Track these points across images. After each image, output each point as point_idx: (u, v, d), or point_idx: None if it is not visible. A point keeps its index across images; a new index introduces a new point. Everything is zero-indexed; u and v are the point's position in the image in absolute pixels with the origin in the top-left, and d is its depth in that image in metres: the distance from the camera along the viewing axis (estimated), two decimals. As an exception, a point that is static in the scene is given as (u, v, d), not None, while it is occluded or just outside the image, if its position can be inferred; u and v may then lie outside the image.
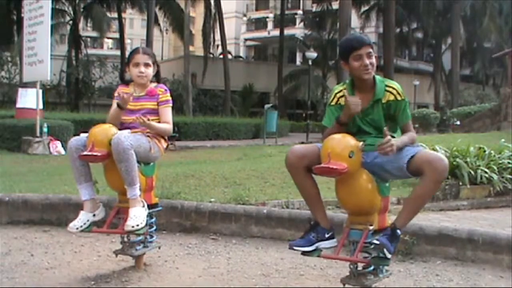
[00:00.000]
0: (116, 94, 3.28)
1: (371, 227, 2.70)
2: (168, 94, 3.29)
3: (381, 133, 2.69)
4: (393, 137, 2.67)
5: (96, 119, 13.04)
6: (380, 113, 2.79)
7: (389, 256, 2.59)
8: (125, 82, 3.37)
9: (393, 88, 2.78)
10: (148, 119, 3.09)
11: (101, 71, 30.57)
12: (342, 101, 2.83)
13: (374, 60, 2.77)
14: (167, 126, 3.24)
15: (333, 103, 2.88)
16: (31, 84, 12.35)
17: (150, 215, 3.17)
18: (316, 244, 2.74)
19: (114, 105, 3.24)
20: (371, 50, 2.76)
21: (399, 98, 2.77)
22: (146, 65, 3.23)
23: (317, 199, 2.83)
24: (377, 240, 2.60)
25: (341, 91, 2.87)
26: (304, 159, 2.71)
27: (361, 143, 2.62)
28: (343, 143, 2.59)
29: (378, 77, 2.82)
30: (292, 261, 3.49)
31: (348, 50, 2.77)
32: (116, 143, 2.89)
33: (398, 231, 2.65)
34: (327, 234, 2.78)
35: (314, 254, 2.76)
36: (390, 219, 2.96)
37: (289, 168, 2.78)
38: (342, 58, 2.83)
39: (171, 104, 3.30)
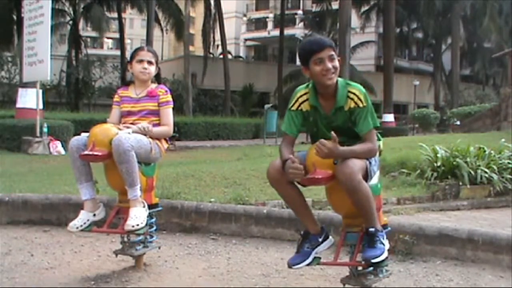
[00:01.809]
0: (115, 99, 3.29)
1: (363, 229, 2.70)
2: (169, 95, 3.30)
3: (353, 139, 2.65)
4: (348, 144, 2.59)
5: (96, 119, 13.03)
6: (344, 120, 2.68)
7: (381, 259, 2.57)
8: (126, 83, 3.37)
9: (355, 94, 2.63)
10: (150, 129, 3.12)
11: (101, 71, 30.52)
12: (304, 106, 2.72)
13: (337, 63, 2.63)
14: (166, 129, 3.25)
15: (293, 108, 2.75)
16: (31, 84, 12.33)
17: (150, 215, 3.17)
18: (313, 253, 2.73)
19: (114, 111, 3.26)
20: (333, 52, 2.61)
21: (360, 105, 2.62)
22: (149, 62, 3.26)
23: (303, 207, 2.79)
24: (361, 259, 2.61)
25: (304, 94, 2.74)
26: (285, 172, 2.63)
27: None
28: None
29: (341, 81, 2.67)
30: (292, 261, 3.49)
31: (308, 53, 2.61)
32: (117, 145, 2.90)
33: (370, 229, 2.60)
34: (320, 238, 2.76)
35: (314, 262, 2.75)
36: (387, 218, 2.96)
37: (271, 182, 2.70)
38: (302, 63, 2.67)
39: (171, 105, 3.31)
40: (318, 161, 2.55)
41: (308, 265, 2.72)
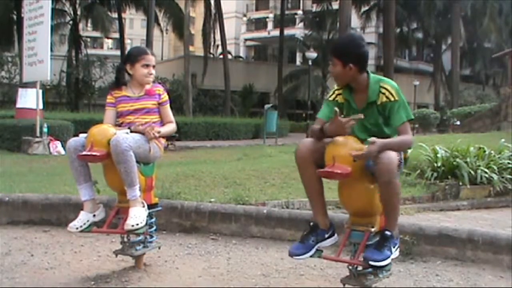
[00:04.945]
0: (109, 100, 3.27)
1: (372, 229, 2.70)
2: (166, 93, 3.37)
3: (380, 137, 2.65)
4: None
5: (96, 119, 12.96)
6: (376, 116, 2.73)
7: (380, 264, 2.56)
8: (119, 84, 3.34)
9: (386, 89, 2.69)
10: (159, 132, 3.13)
11: (101, 71, 30.51)
12: (339, 98, 2.83)
13: (333, 68, 2.74)
14: (173, 125, 3.33)
15: (330, 98, 2.87)
16: (31, 84, 12.32)
17: (150, 215, 3.17)
18: (316, 247, 2.73)
19: (109, 113, 3.25)
20: (332, 57, 2.76)
21: (392, 98, 2.68)
22: (153, 66, 3.29)
23: (320, 195, 2.80)
24: (362, 256, 2.62)
25: (340, 88, 2.84)
26: (315, 153, 2.66)
27: (366, 146, 2.62)
28: (348, 146, 2.58)
29: (373, 77, 2.76)
30: (292, 261, 3.47)
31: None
32: (115, 145, 2.90)
33: (387, 232, 2.62)
34: (327, 234, 2.77)
35: (315, 255, 2.75)
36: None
37: (298, 160, 2.72)
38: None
39: (169, 102, 3.39)
40: (338, 156, 2.55)
41: (309, 257, 2.73)
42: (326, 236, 2.76)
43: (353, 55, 2.69)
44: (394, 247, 2.64)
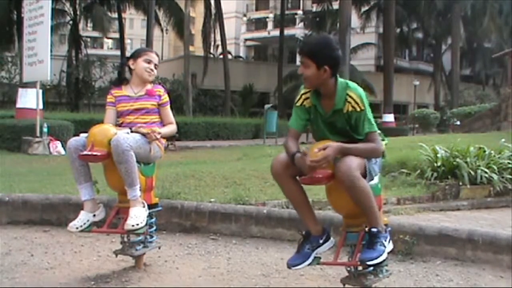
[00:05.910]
0: (109, 100, 3.27)
1: (367, 228, 2.70)
2: (166, 94, 3.37)
3: (352, 139, 2.68)
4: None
5: (96, 119, 12.96)
6: (343, 121, 2.71)
7: (377, 261, 2.55)
8: (120, 81, 3.35)
9: (352, 98, 2.65)
10: (159, 133, 3.13)
11: (101, 71, 30.48)
12: (306, 103, 2.77)
13: (304, 71, 2.66)
14: (173, 126, 3.33)
15: (298, 104, 2.80)
16: (31, 84, 12.33)
17: (150, 215, 3.18)
18: (313, 254, 2.73)
19: (109, 112, 3.26)
20: (304, 59, 2.68)
21: (358, 109, 2.65)
22: (156, 66, 3.30)
23: (305, 205, 2.80)
24: (358, 259, 2.61)
25: (307, 92, 2.78)
26: (289, 167, 2.67)
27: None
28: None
29: (341, 83, 2.70)
30: (292, 261, 3.48)
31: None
32: (115, 145, 2.90)
33: (373, 229, 2.60)
34: (321, 239, 2.76)
35: (314, 262, 2.76)
36: (387, 218, 2.96)
37: (275, 177, 2.74)
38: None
39: (169, 103, 3.39)
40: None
41: (307, 265, 2.73)
42: (321, 241, 2.76)
43: (328, 58, 2.64)
44: (386, 240, 2.62)
